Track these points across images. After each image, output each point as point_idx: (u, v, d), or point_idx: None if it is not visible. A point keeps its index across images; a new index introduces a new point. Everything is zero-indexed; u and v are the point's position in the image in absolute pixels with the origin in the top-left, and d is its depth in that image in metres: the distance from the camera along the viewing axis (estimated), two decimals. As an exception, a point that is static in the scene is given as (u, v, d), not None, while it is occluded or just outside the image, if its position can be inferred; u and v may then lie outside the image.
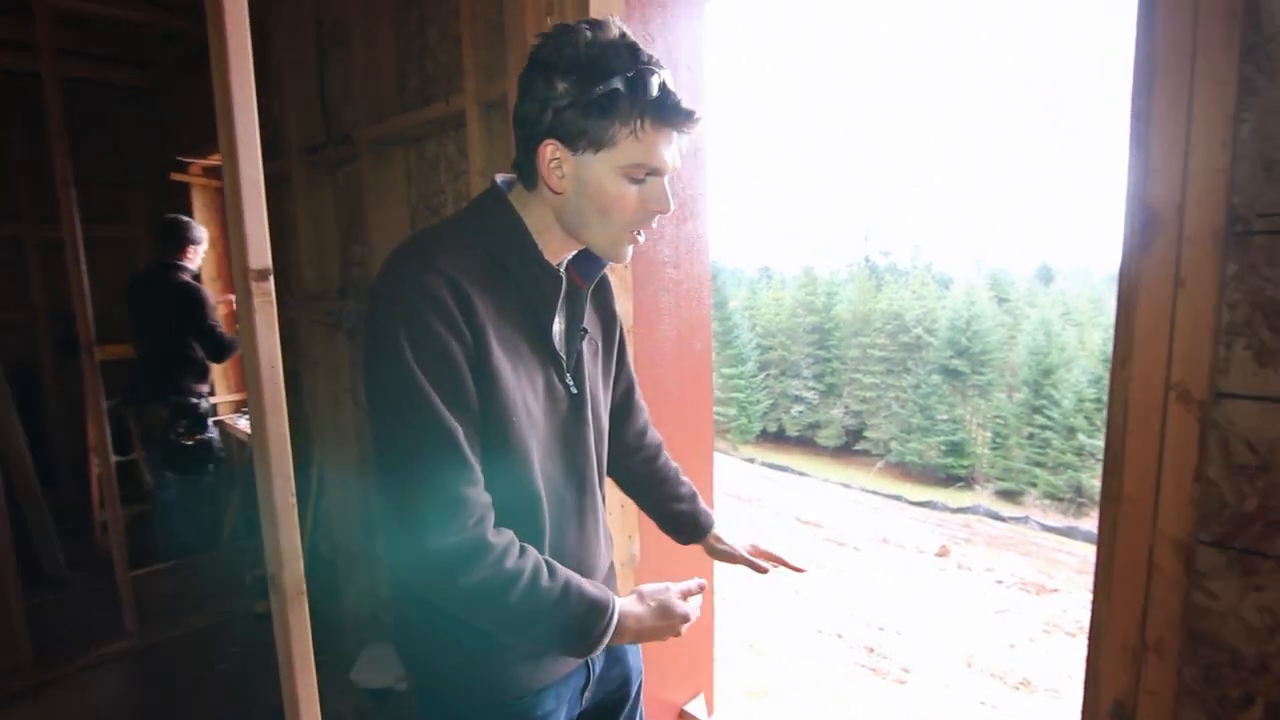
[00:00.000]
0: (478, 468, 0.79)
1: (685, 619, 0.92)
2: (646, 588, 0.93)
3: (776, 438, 30.39)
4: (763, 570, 1.13)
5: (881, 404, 28.20)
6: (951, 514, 12.34)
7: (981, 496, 22.29)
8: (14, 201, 3.92)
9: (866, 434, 28.30)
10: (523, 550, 0.81)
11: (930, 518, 11.32)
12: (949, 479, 24.83)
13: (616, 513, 1.53)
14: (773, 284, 35.68)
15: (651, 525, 1.20)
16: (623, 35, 0.79)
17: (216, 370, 3.65)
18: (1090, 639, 1.04)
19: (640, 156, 0.79)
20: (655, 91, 0.77)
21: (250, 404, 1.15)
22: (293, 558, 1.16)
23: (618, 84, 0.76)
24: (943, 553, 7.08)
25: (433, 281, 0.77)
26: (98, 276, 3.83)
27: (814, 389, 29.87)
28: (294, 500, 1.16)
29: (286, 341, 3.02)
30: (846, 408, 29.12)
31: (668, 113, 0.78)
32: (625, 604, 0.88)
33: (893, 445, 26.86)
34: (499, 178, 0.91)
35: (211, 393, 3.49)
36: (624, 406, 1.10)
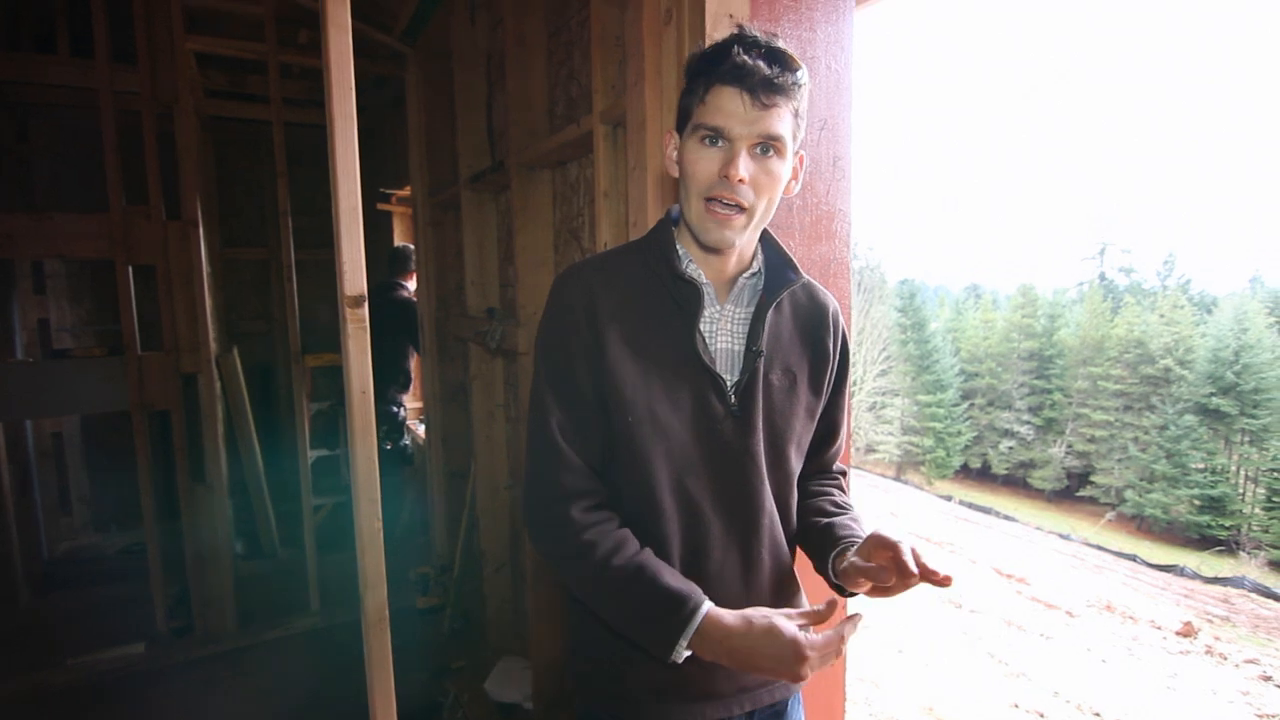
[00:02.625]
0: (574, 454, 0.84)
1: (801, 654, 0.73)
2: (755, 610, 0.78)
3: (980, 475, 27.35)
4: (885, 585, 0.77)
5: (1115, 445, 24.20)
6: (1204, 584, 10.13)
7: (1248, 567, 18.13)
8: (265, 231, 4.67)
9: (1094, 479, 24.42)
10: (608, 530, 0.82)
11: (1174, 586, 9.41)
12: (1203, 541, 20.54)
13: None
14: (982, 304, 32.34)
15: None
16: (740, 29, 0.82)
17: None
18: None
19: (703, 117, 0.81)
20: (725, 60, 0.79)
21: (347, 427, 1.17)
22: (377, 583, 1.16)
23: (701, 65, 0.82)
24: (1187, 631, 5.81)
25: (569, 285, 0.88)
26: (323, 293, 4.46)
27: (1028, 423, 26.46)
28: (380, 524, 1.17)
29: (457, 358, 3.26)
30: (1069, 447, 25.41)
31: (726, 71, 0.79)
32: (719, 612, 0.77)
33: (1128, 495, 22.88)
34: (675, 207, 0.95)
35: (398, 401, 3.84)
36: (813, 447, 0.99)
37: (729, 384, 0.87)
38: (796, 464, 0.94)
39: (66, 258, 3.42)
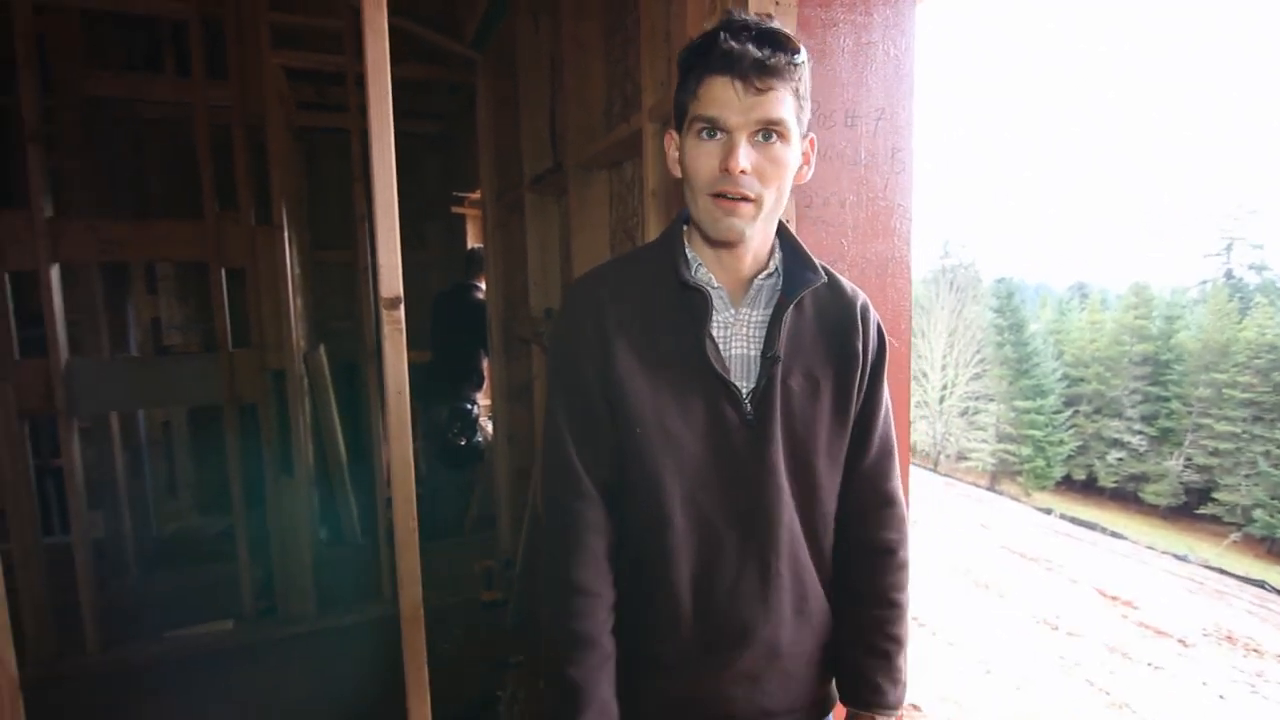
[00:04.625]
0: (585, 476, 0.83)
1: None
2: None
3: (1084, 487, 25.48)
4: None
5: (1242, 459, 21.96)
6: (1351, 620, 9.04)
7: (1406, 600, 16.05)
8: (351, 234, 4.91)
9: (1217, 495, 22.26)
10: (596, 616, 0.82)
11: (1312, 618, 8.46)
12: (1348, 569, 18.38)
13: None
14: (1089, 304, 30.10)
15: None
16: (728, 15, 0.79)
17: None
18: None
19: (697, 109, 0.78)
20: (715, 49, 0.75)
21: (386, 426, 1.20)
22: (412, 581, 1.18)
23: (695, 59, 0.78)
24: (1322, 672, 5.20)
25: (578, 299, 0.87)
26: (405, 293, 4.65)
27: (1141, 433, 24.42)
28: (415, 524, 1.19)
29: (521, 357, 3.31)
30: (1188, 460, 23.27)
31: (716, 60, 0.75)
32: None
33: (1257, 514, 20.71)
34: (687, 209, 0.92)
35: (469, 399, 3.94)
36: (849, 464, 0.91)
37: (745, 392, 0.83)
38: (829, 475, 0.87)
39: (170, 261, 3.71)
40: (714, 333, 0.83)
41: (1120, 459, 24.49)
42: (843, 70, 1.31)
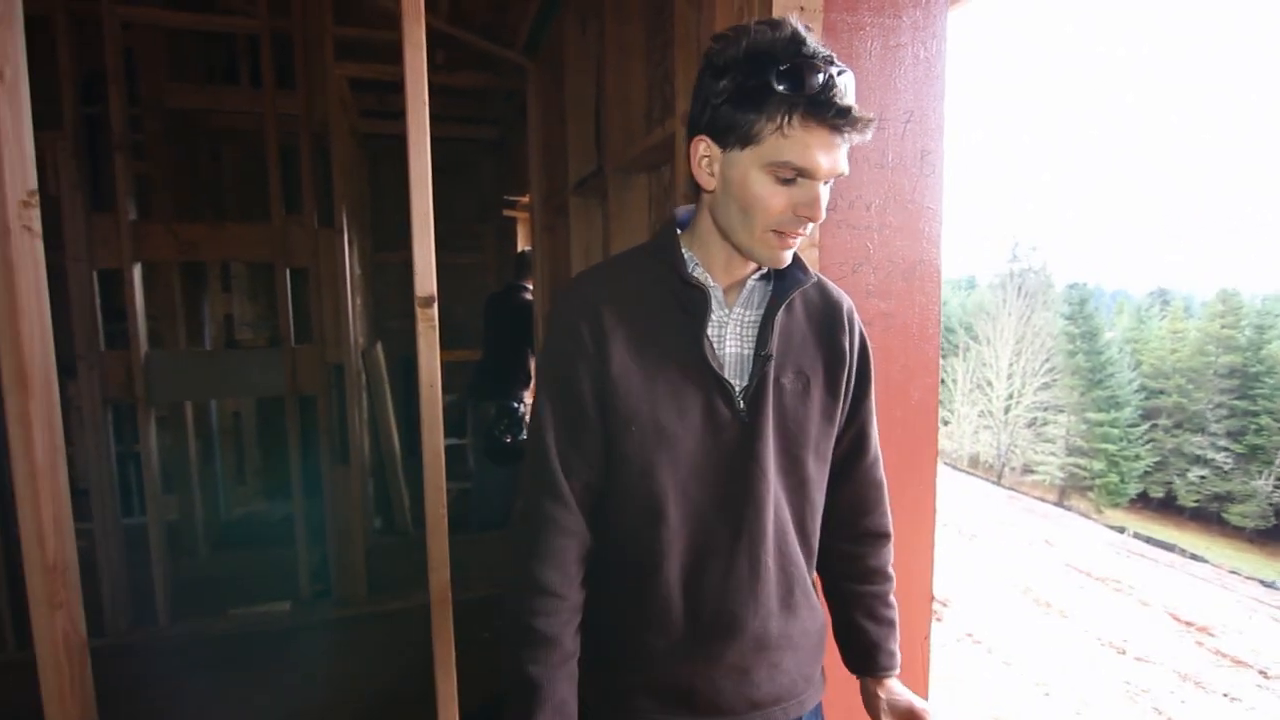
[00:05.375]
0: (563, 480, 0.83)
1: None
2: None
3: (1162, 506, 24.07)
4: None
5: (1343, 481, 20.42)
6: None
7: None
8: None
9: (1313, 519, 20.76)
10: (561, 618, 0.83)
11: None
12: None
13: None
14: (1171, 312, 28.42)
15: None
16: (794, 32, 0.76)
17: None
18: None
19: (786, 154, 0.76)
20: (809, 86, 0.73)
21: (421, 419, 1.26)
22: (441, 565, 1.24)
23: (770, 77, 0.74)
24: None
25: (572, 301, 0.86)
26: (459, 294, 4.81)
27: (1226, 449, 22.89)
28: (444, 512, 1.25)
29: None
30: (1279, 480, 21.78)
31: (819, 109, 0.74)
32: None
33: (1360, 540, 19.25)
34: (680, 210, 0.94)
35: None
36: (849, 460, 0.97)
37: (738, 389, 0.85)
38: (817, 470, 0.91)
39: (241, 261, 3.94)
40: (708, 331, 0.85)
41: (1203, 477, 23.03)
42: (870, 73, 1.31)
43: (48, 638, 1.04)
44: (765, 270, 0.88)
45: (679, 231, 0.91)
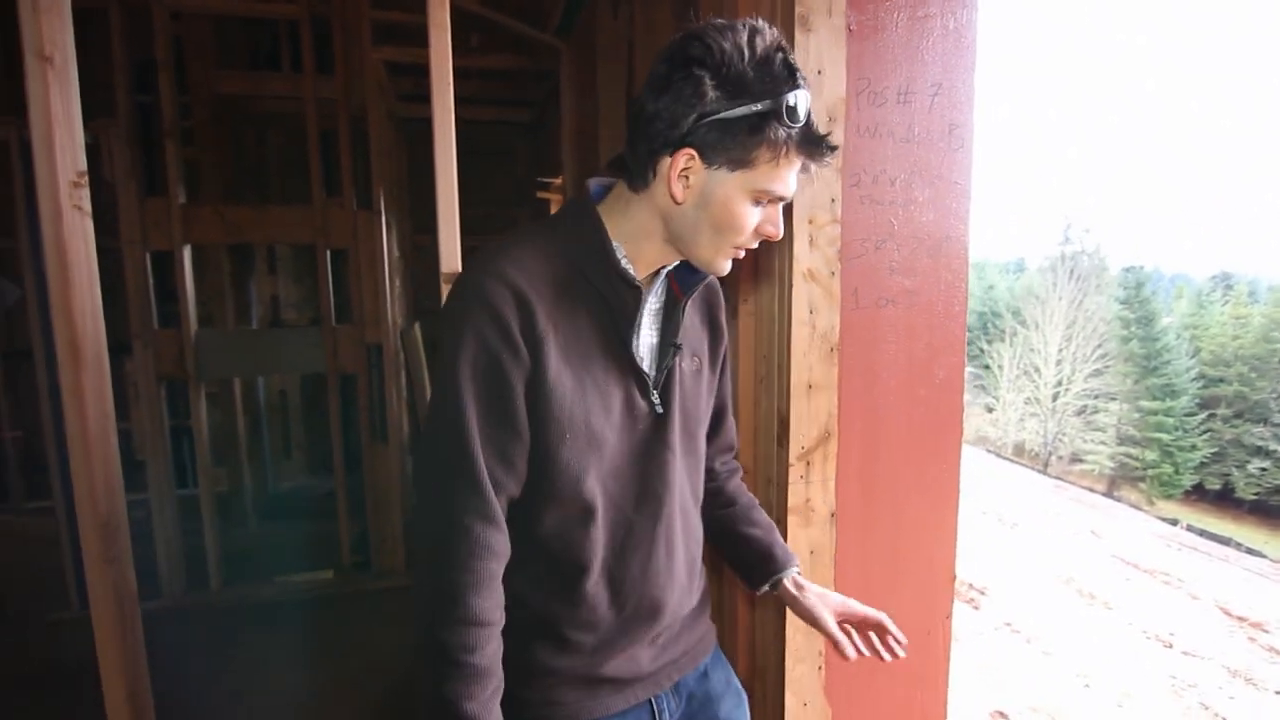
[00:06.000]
0: (494, 499, 0.77)
1: None
2: None
3: (1219, 499, 23.13)
4: (844, 653, 0.97)
5: None
6: None
7: None
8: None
9: (1384, 515, 19.73)
10: (476, 637, 0.76)
11: None
12: None
13: (805, 560, 1.33)
14: (1234, 296, 27.10)
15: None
16: (780, 48, 0.75)
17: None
18: None
19: (774, 183, 0.77)
20: (804, 120, 0.75)
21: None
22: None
23: (772, 105, 0.73)
24: None
25: (496, 290, 0.75)
26: (494, 276, 4.87)
27: (1291, 441, 21.93)
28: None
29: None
30: (1348, 473, 20.73)
31: (813, 144, 0.77)
32: None
33: None
34: (592, 183, 0.88)
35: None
36: (719, 416, 1.05)
37: (650, 380, 0.86)
38: (704, 442, 0.96)
39: (285, 243, 4.07)
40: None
41: (1264, 469, 22.04)
42: (895, 45, 1.29)
43: (101, 590, 1.12)
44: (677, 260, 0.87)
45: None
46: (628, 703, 0.89)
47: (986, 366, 28.40)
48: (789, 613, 1.30)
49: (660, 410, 0.86)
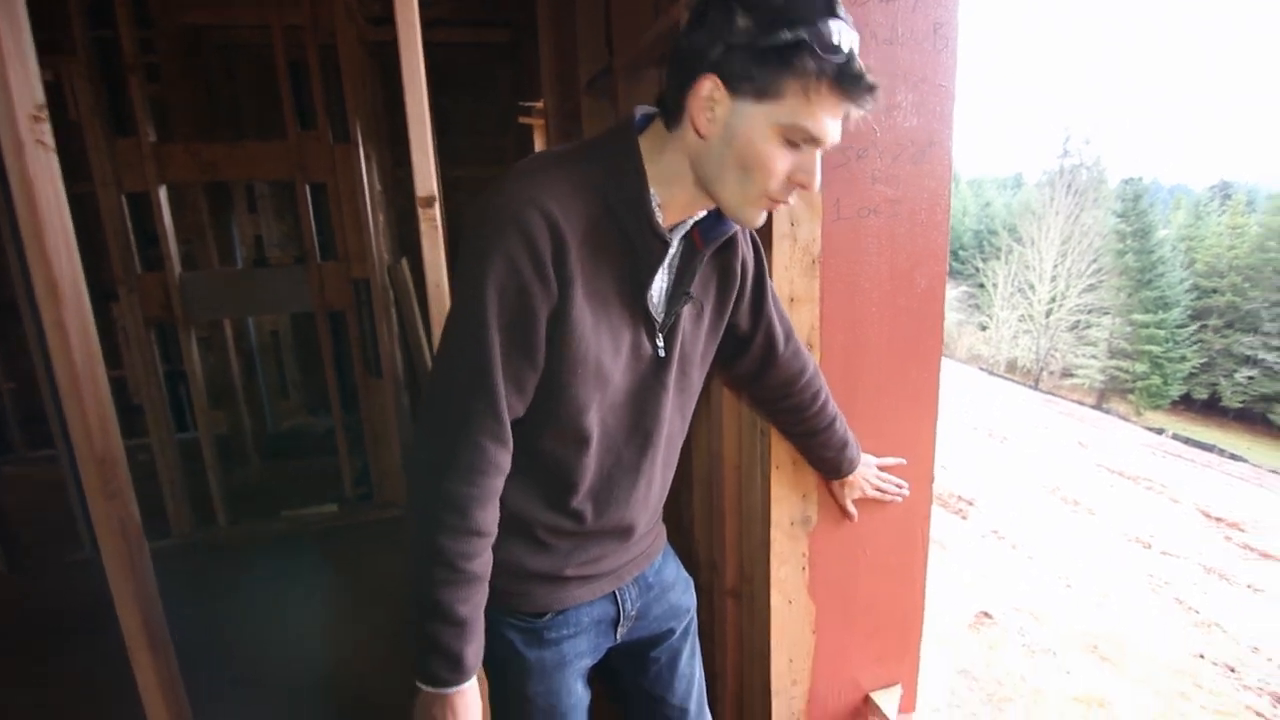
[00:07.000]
0: (506, 420, 0.80)
1: None
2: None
3: (1205, 408, 23.57)
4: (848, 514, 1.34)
5: (1403, 379, 19.65)
6: None
7: None
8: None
9: (1367, 418, 20.19)
10: (481, 555, 0.82)
11: None
12: None
13: (788, 468, 1.37)
14: (1231, 206, 26.76)
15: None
16: None
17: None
18: None
19: (804, 119, 0.73)
20: (843, 54, 0.71)
21: (426, 318, 1.31)
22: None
23: (804, 34, 0.69)
24: None
25: (535, 221, 0.74)
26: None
27: (1278, 349, 22.19)
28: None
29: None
30: (1334, 379, 21.06)
31: (848, 81, 0.72)
32: (470, 692, 0.84)
33: None
34: (639, 111, 0.85)
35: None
36: (766, 358, 1.07)
37: (658, 324, 0.88)
38: (698, 378, 0.98)
39: (262, 179, 3.98)
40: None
41: (1250, 377, 22.41)
42: (876, -61, 1.23)
43: (105, 524, 1.15)
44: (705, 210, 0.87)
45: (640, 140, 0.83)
46: (594, 595, 0.98)
47: (981, 285, 28.36)
48: (773, 519, 1.36)
49: (663, 354, 0.89)
